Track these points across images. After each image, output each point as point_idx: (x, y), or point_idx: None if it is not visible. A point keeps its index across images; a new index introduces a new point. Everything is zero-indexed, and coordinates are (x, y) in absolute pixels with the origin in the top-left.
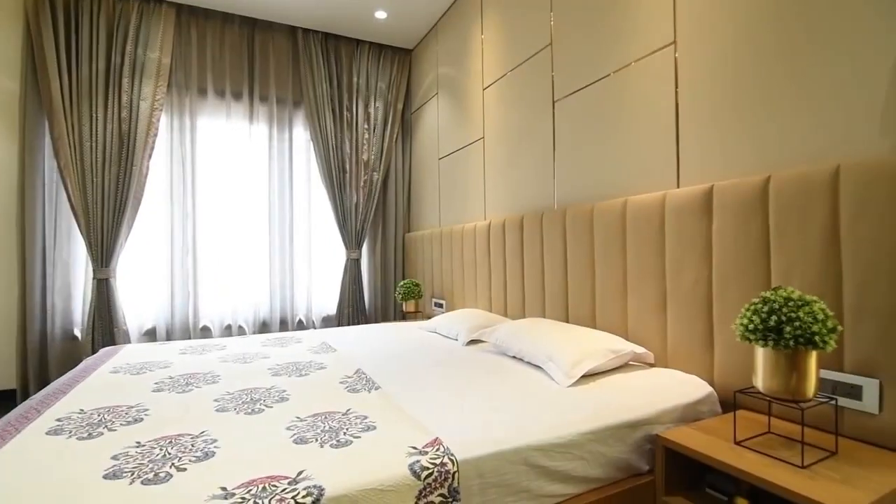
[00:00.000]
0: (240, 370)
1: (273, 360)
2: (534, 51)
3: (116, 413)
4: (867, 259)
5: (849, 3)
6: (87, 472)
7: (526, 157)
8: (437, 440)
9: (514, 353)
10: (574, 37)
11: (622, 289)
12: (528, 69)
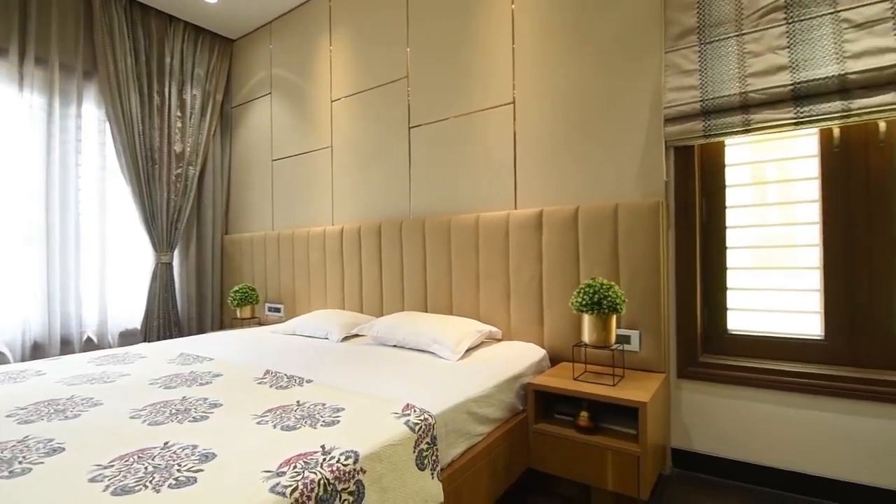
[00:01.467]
0: (114, 391)
1: (140, 376)
2: (390, 79)
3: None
4: (632, 261)
5: (622, 101)
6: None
7: (380, 171)
8: (409, 405)
9: (395, 343)
10: (430, 77)
11: (475, 284)
12: (384, 93)
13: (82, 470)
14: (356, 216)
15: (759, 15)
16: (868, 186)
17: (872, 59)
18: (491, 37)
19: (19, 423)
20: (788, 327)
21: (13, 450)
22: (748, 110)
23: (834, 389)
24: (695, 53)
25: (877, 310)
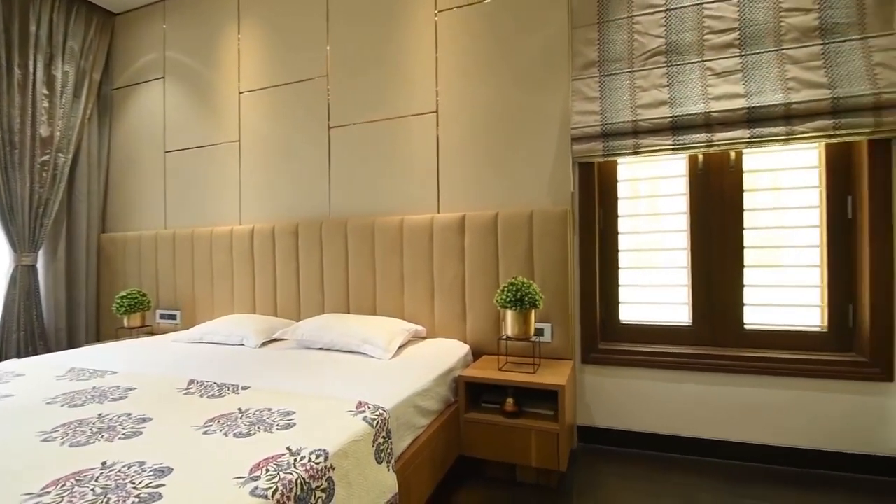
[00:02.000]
0: (2, 414)
1: (30, 396)
2: (308, 76)
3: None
4: (545, 262)
5: (537, 118)
6: None
7: (297, 170)
8: (362, 403)
9: (323, 345)
10: (352, 79)
11: (400, 284)
12: (301, 90)
13: (13, 501)
14: (269, 215)
15: (646, 57)
16: (722, 202)
17: (728, 101)
18: (414, 46)
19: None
20: (665, 316)
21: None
22: (638, 136)
23: (700, 365)
24: (596, 83)
25: (728, 301)
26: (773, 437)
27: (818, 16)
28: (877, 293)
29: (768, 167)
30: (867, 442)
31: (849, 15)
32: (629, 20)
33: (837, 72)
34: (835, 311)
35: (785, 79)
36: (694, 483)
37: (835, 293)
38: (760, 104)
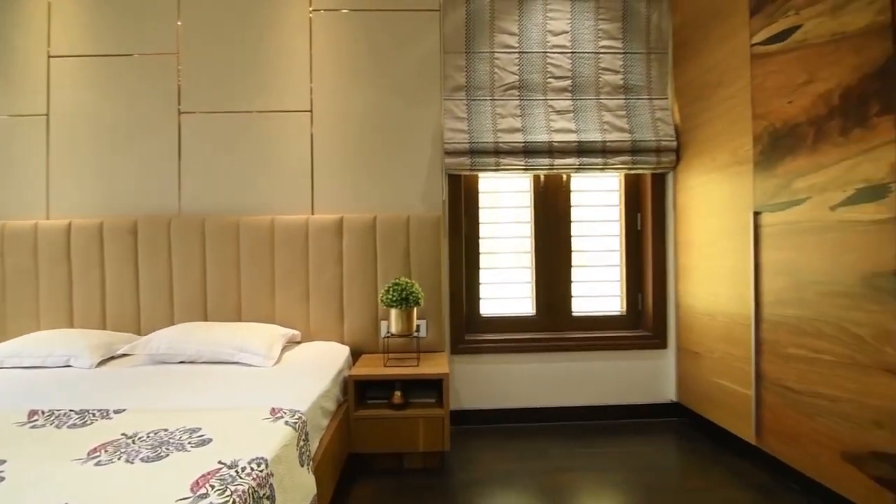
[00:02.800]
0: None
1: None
2: (151, 51)
3: None
4: (421, 264)
5: (412, 129)
6: None
7: (134, 158)
8: (275, 409)
9: (185, 358)
10: (213, 64)
11: (271, 287)
12: (140, 65)
13: None
14: (93, 209)
15: (504, 89)
16: (556, 214)
17: (564, 135)
18: (287, 40)
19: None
20: (515, 308)
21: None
22: (499, 155)
23: (541, 347)
24: (464, 105)
25: (561, 294)
26: (594, 398)
27: (623, 77)
28: (656, 285)
29: (588, 188)
30: (652, 393)
31: (641, 80)
32: (491, 55)
33: (635, 121)
34: (630, 299)
35: (602, 122)
36: (545, 443)
37: (630, 286)
38: (586, 139)
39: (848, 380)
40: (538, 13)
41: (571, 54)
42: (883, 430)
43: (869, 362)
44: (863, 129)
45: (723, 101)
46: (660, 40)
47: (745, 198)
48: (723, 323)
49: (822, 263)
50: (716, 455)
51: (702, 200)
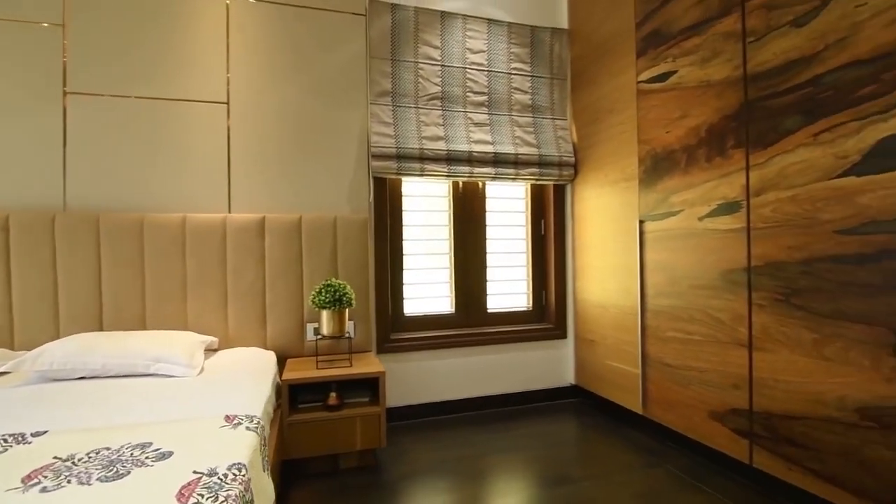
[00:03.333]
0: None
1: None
2: (27, 18)
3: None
4: (348, 265)
5: (338, 130)
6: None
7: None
8: (230, 416)
9: (86, 374)
10: (108, 40)
11: (182, 292)
12: (11, 32)
13: None
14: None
15: (427, 98)
16: (473, 218)
17: (482, 146)
18: (201, 26)
19: None
20: (436, 308)
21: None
22: (423, 161)
23: (460, 342)
24: (390, 111)
25: (477, 292)
26: (508, 386)
27: (531, 97)
28: (557, 283)
29: (499, 196)
30: (555, 378)
31: (546, 101)
32: (415, 64)
33: (541, 138)
34: (535, 295)
35: (514, 136)
36: (469, 431)
37: (535, 284)
38: (501, 151)
39: (712, 354)
40: (458, 31)
41: (487, 72)
42: (739, 391)
43: (727, 339)
44: (722, 158)
45: (614, 126)
46: (560, 68)
47: (631, 208)
48: (613, 313)
49: (691, 263)
50: (611, 427)
51: (596, 210)
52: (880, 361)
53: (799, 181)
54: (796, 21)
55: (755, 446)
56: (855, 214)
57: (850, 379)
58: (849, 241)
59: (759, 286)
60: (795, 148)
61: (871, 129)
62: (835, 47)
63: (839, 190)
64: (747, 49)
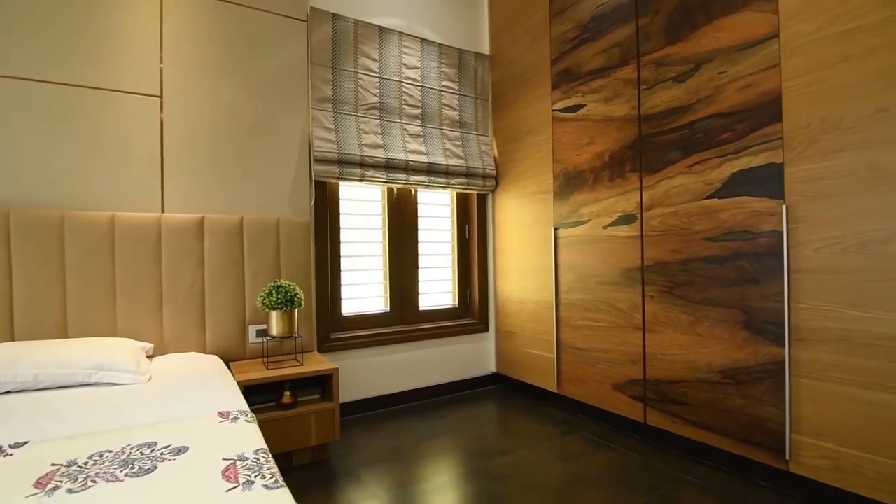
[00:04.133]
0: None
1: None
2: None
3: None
4: (291, 266)
5: (279, 132)
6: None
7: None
8: (223, 412)
9: (13, 388)
10: (22, 12)
11: (111, 295)
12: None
13: None
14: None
15: (367, 108)
16: (405, 222)
17: (417, 156)
18: (130, 14)
19: None
20: (372, 307)
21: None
22: (364, 167)
23: (395, 339)
24: (332, 117)
25: (410, 292)
26: (441, 377)
27: (459, 114)
28: (480, 282)
29: (429, 202)
30: (479, 368)
31: (471, 118)
32: (355, 74)
33: (468, 151)
34: (461, 294)
35: (445, 149)
36: (410, 420)
37: (461, 283)
38: (434, 161)
39: (615, 337)
40: (395, 46)
41: (421, 87)
42: (635, 365)
43: (626, 324)
44: (621, 179)
45: (532, 145)
46: (483, 89)
47: (547, 217)
48: (532, 308)
49: (597, 263)
50: (531, 406)
51: (515, 217)
52: (735, 334)
53: (678, 200)
54: (677, 78)
55: (648, 408)
56: (717, 226)
57: (714, 349)
58: (713, 246)
59: (650, 281)
60: (676, 175)
61: (728, 164)
62: (704, 102)
63: (706, 208)
64: (641, 94)
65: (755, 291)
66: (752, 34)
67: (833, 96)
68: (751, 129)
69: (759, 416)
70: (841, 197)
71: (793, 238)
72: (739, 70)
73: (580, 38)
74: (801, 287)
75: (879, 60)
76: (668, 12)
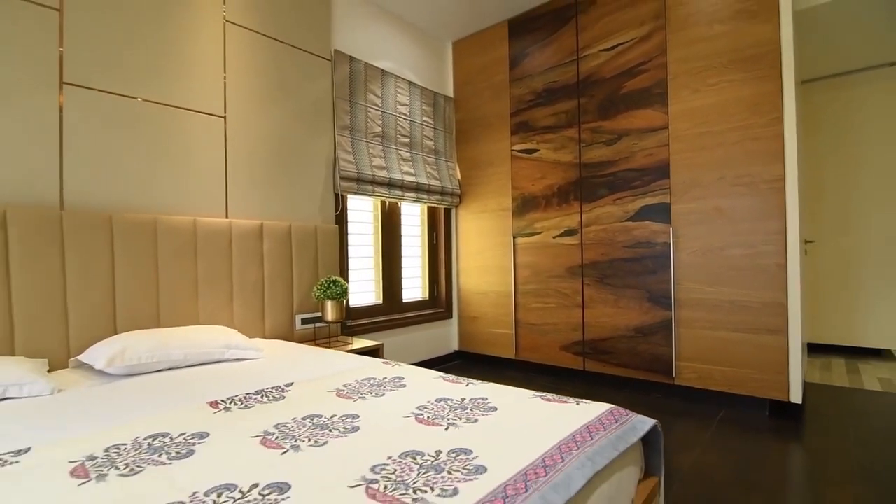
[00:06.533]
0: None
1: None
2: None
3: None
4: (325, 266)
5: (314, 151)
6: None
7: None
8: (385, 363)
9: (168, 365)
10: (110, 31)
11: (194, 290)
12: (4, 12)
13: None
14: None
15: (373, 135)
16: (392, 230)
17: (410, 177)
18: (202, 43)
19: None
20: (367, 300)
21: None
22: (374, 185)
23: (386, 326)
24: (350, 142)
25: (395, 287)
26: (415, 356)
27: (434, 143)
28: (447, 278)
29: (408, 213)
30: (443, 348)
31: (442, 148)
32: (365, 107)
33: (441, 174)
34: (431, 288)
35: (426, 171)
36: None
37: (430, 279)
38: (420, 181)
39: (561, 314)
40: (392, 86)
41: (409, 121)
42: (576, 332)
43: (570, 304)
44: (567, 205)
45: (493, 174)
46: (449, 125)
47: (507, 228)
48: (493, 297)
49: (548, 262)
50: (492, 370)
51: (476, 228)
52: (642, 305)
53: (606, 221)
54: (606, 142)
55: (586, 359)
56: (631, 239)
57: (629, 315)
58: (628, 251)
59: (587, 274)
60: (605, 205)
61: (639, 200)
62: (623, 160)
63: (625, 227)
64: (581, 149)
65: (654, 278)
66: (653, 124)
67: (696, 167)
68: (652, 181)
69: (657, 354)
70: (700, 224)
71: (675, 247)
72: (645, 144)
73: (535, 102)
74: (680, 274)
75: (720, 150)
76: (600, 98)
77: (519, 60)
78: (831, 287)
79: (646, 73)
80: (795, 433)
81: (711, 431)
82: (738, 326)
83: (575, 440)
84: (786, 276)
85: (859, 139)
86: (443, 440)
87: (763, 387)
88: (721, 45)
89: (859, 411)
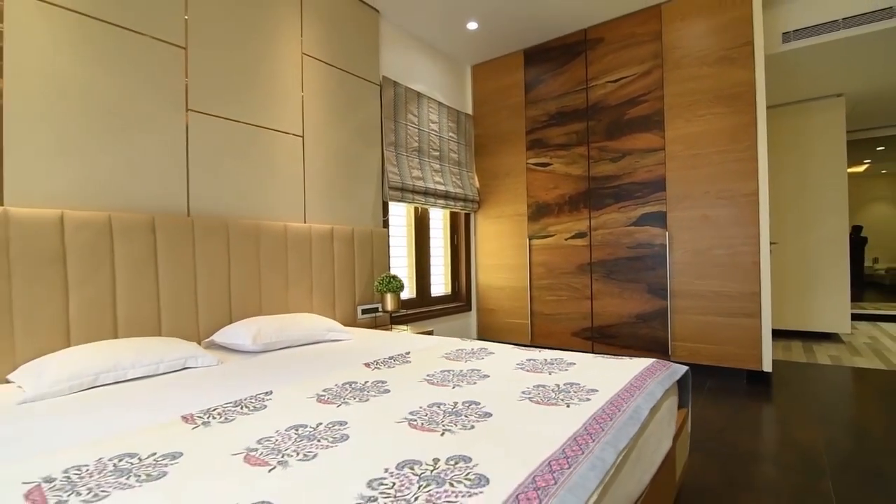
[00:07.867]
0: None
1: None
2: (159, 35)
3: None
4: (378, 264)
5: (369, 165)
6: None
7: (134, 149)
8: (462, 339)
9: (287, 344)
10: (217, 69)
11: (285, 284)
12: (141, 46)
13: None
14: (80, 198)
15: (411, 150)
16: (423, 232)
17: (440, 185)
18: (283, 74)
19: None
20: (404, 294)
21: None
22: (414, 193)
23: (419, 317)
24: (395, 156)
25: (425, 283)
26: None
27: (458, 156)
28: (466, 276)
29: (434, 217)
30: (465, 335)
31: (464, 160)
32: (405, 126)
33: (463, 182)
34: (453, 284)
35: (452, 181)
36: None
37: (452, 276)
38: (448, 190)
39: (573, 305)
40: (425, 107)
41: (438, 137)
42: (586, 320)
43: (580, 297)
44: (577, 212)
45: (510, 184)
46: (469, 139)
47: (522, 231)
48: (509, 292)
49: (560, 261)
50: None
51: (494, 231)
52: (643, 296)
53: (612, 226)
54: (612, 159)
55: (595, 343)
56: (634, 241)
57: (632, 305)
58: (631, 252)
59: (595, 271)
60: (611, 212)
61: (640, 208)
62: (627, 175)
63: (628, 231)
64: (590, 164)
65: (653, 274)
66: (652, 145)
67: (688, 182)
68: (651, 192)
69: (655, 336)
70: (690, 230)
71: (670, 248)
72: (646, 162)
73: (549, 122)
74: (674, 270)
75: (707, 169)
76: (606, 122)
77: (534, 85)
78: (791, 281)
79: (646, 103)
80: (767, 395)
81: (704, 395)
82: (722, 312)
83: (638, 380)
84: (759, 272)
85: (809, 155)
86: (561, 378)
87: (741, 359)
88: (708, 84)
89: (815, 379)
